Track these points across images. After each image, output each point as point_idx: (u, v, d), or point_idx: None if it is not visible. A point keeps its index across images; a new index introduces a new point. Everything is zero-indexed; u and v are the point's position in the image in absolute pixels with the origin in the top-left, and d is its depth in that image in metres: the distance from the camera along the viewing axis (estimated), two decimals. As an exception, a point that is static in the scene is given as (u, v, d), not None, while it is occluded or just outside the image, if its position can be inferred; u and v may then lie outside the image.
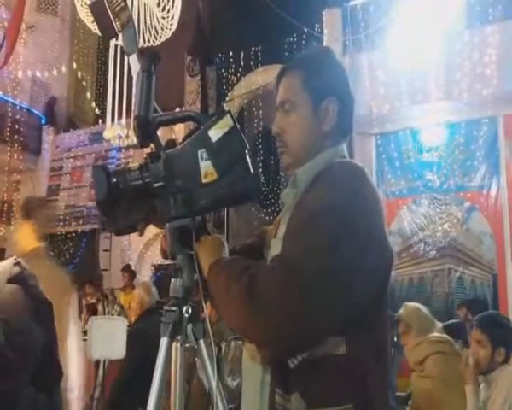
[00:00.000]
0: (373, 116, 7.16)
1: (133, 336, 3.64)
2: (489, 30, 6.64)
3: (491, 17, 6.65)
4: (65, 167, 12.00)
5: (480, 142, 6.85)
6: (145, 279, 8.95)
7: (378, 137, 7.55)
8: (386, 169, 7.45)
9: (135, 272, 8.64)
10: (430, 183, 7.13)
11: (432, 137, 7.19)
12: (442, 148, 7.07)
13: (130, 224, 1.15)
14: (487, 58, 6.56)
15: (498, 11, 6.61)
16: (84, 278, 8.35)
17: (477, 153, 6.86)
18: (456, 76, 6.66)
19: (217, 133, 1.09)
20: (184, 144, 1.12)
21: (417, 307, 3.20)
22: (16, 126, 11.35)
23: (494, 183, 6.76)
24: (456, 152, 6.94)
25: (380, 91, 7.16)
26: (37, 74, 11.38)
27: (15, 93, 11.67)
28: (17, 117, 11.47)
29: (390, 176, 7.42)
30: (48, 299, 1.61)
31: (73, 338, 2.46)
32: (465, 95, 6.62)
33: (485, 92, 6.49)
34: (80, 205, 11.38)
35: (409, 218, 7.25)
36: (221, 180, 1.08)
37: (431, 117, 7.07)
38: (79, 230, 11.31)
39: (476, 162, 6.86)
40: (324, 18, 7.92)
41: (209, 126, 1.10)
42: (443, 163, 7.04)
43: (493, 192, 6.75)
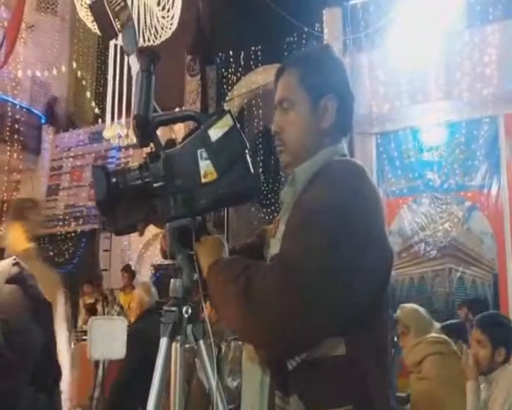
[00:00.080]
0: (373, 116, 7.16)
1: (133, 336, 3.63)
2: (489, 29, 6.63)
3: (491, 16, 6.65)
4: (64, 167, 11.98)
5: (481, 141, 6.84)
6: (145, 279, 8.94)
7: (378, 136, 7.54)
8: (386, 168, 7.44)
9: (135, 272, 8.62)
10: (431, 182, 7.12)
11: (432, 136, 7.18)
12: (442, 147, 7.06)
13: (130, 224, 1.15)
14: (487, 58, 6.56)
15: (498, 10, 6.61)
16: (84, 278, 8.36)
17: (477, 152, 6.85)
18: (456, 76, 6.65)
19: (217, 133, 1.08)
20: (184, 144, 1.11)
21: (415, 308, 3.19)
22: (16, 126, 11.33)
23: (495, 182, 6.75)
24: (456, 151, 6.93)
25: (380, 91, 7.16)
26: (36, 74, 11.35)
27: (15, 93, 11.65)
28: (17, 116, 11.45)
29: (390, 175, 7.41)
30: (47, 299, 1.61)
31: (63, 338, 2.45)
32: (465, 94, 6.62)
33: (485, 92, 6.49)
34: (80, 205, 11.36)
35: (409, 217, 7.23)
36: (221, 180, 1.07)
37: (431, 116, 7.06)
38: (79, 230, 11.28)
39: (477, 162, 6.85)
40: (324, 17, 7.92)
41: (209, 126, 1.09)
42: (443, 162, 7.03)
43: (494, 192, 6.74)
